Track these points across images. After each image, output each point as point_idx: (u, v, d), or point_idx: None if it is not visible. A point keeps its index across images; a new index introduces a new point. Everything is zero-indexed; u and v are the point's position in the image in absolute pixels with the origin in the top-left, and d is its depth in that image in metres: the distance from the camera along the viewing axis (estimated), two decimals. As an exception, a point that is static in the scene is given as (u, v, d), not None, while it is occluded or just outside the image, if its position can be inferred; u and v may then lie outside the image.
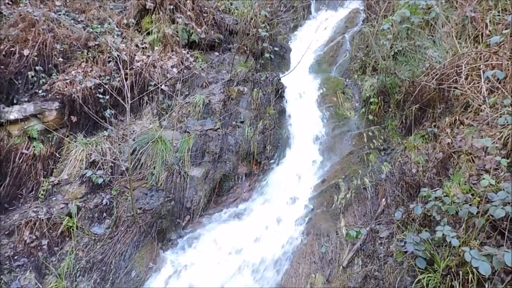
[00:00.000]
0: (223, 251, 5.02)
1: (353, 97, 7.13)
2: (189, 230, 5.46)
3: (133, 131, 6.22)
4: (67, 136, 5.84)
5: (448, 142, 4.90)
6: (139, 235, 4.99)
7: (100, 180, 5.35)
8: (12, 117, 5.56)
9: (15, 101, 5.95)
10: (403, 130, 5.96)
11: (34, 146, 5.58)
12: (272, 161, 6.19)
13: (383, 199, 4.85)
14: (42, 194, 5.35)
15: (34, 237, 4.82)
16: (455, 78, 5.24)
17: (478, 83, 5.03)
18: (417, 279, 3.78)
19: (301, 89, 7.22)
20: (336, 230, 4.75)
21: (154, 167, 5.58)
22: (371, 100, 6.54)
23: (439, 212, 4.05)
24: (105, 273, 4.71)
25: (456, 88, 5.19)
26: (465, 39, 5.83)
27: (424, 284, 3.70)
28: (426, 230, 3.99)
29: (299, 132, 6.56)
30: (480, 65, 5.14)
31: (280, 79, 7.09)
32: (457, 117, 5.11)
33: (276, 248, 4.82)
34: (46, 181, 5.45)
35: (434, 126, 5.29)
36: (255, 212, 5.44)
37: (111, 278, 4.69)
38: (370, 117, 6.42)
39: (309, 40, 8.72)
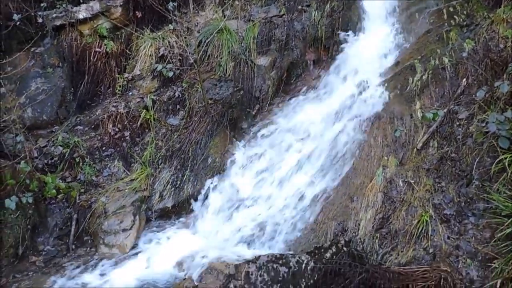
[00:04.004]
0: (294, 138, 5.11)
1: (432, -32, 6.36)
2: (259, 119, 5.57)
3: (197, 23, 6.14)
4: (135, 31, 5.90)
5: (546, 11, 4.32)
6: (212, 125, 5.19)
7: (170, 74, 5.48)
8: (81, 16, 5.68)
9: (81, 1, 6.02)
10: (490, 2, 5.30)
11: (105, 44, 5.75)
12: (341, 45, 5.87)
13: (464, 79, 4.52)
14: (119, 90, 5.63)
15: (117, 129, 5.19)
16: None
17: None
18: (497, 160, 3.62)
19: (372, -36, 6.54)
20: (411, 113, 4.57)
21: (221, 58, 5.57)
22: (454, -31, 5.80)
23: (529, 89, 3.72)
24: (184, 160, 5.04)
25: None
26: None
27: (506, 164, 3.54)
28: None
29: (370, 12, 6.06)
30: None
31: (348, -46, 6.44)
32: (559, -20, 4.42)
33: (347, 133, 4.80)
34: (121, 78, 5.69)
35: (529, -7, 4.65)
36: (324, 99, 5.36)
37: (189, 165, 5.03)
38: (452, -11, 5.75)
39: None
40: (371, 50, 5.62)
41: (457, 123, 4.23)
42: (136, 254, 4.39)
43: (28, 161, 4.29)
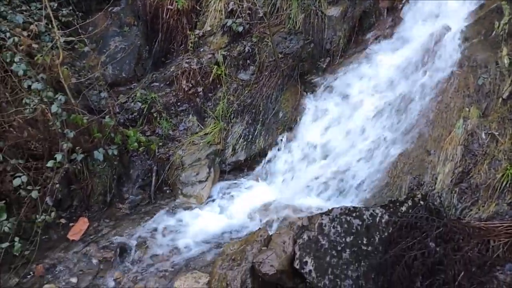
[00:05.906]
0: (367, 90, 4.97)
1: None
2: (330, 72, 5.43)
3: (265, -25, 6.01)
4: (204, -14, 5.91)
5: None
6: (282, 79, 5.19)
7: (240, 28, 5.47)
8: (152, -27, 5.76)
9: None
10: None
11: (176, 1, 5.80)
12: (418, -11, 5.51)
13: (562, 19, 4.08)
14: (190, 47, 5.72)
15: (190, 85, 5.34)
16: None
17: None
18: None
19: None
20: (496, 60, 4.21)
21: (291, 10, 5.44)
22: None
23: None
24: (255, 114, 5.15)
25: None
26: None
27: None
28: None
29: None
30: None
31: None
32: None
33: (425, 83, 4.57)
34: (192, 34, 5.76)
35: None
36: (399, 48, 5.09)
37: (261, 119, 5.12)
38: None
39: None
40: (453, -7, 5.21)
41: (552, 67, 3.87)
42: (212, 204, 4.63)
43: (111, 116, 4.58)
